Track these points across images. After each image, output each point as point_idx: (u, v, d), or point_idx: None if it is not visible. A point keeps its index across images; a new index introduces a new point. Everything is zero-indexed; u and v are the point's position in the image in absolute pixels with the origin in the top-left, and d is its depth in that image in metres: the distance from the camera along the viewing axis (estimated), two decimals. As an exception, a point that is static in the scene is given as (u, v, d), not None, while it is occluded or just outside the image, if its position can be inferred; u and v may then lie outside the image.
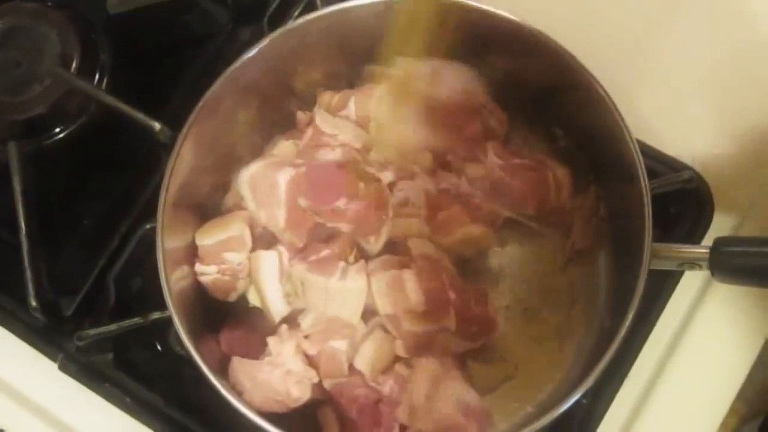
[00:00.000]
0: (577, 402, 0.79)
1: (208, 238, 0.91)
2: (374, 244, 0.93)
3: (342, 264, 0.91)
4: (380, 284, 0.90)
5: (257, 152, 0.97)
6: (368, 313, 0.92)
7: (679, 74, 1.01)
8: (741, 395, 0.93)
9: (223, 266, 0.91)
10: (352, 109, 0.97)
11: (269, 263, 0.91)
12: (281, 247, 0.92)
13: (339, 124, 0.96)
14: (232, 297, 0.93)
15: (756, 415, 1.10)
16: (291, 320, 0.91)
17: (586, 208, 0.94)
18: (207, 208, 0.95)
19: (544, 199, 0.94)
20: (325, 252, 0.91)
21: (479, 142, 0.95)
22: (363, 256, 0.94)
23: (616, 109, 0.85)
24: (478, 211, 0.94)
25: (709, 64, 1.01)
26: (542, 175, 0.94)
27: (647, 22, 1.03)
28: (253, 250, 0.92)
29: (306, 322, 0.90)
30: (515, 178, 0.94)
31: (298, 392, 0.86)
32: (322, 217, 0.92)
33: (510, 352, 0.93)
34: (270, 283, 0.91)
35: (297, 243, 0.92)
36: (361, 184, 0.93)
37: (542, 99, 0.95)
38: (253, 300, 0.93)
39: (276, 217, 0.92)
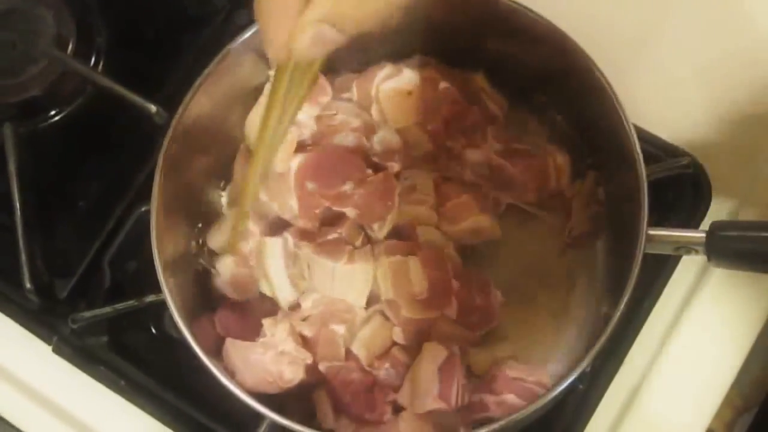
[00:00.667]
0: (574, 387, 0.79)
1: (219, 237, 0.92)
2: (378, 231, 0.93)
3: (349, 248, 0.91)
4: (384, 269, 0.90)
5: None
6: (370, 299, 0.92)
7: (677, 60, 1.01)
8: (737, 387, 0.93)
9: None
10: (354, 92, 0.97)
11: (275, 250, 0.91)
12: (287, 234, 0.92)
13: (337, 105, 0.96)
14: (254, 292, 0.93)
15: (751, 407, 1.09)
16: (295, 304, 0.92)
17: (584, 193, 0.94)
18: (203, 190, 0.95)
19: (544, 185, 0.94)
20: (333, 235, 0.91)
21: (480, 127, 0.95)
22: (369, 241, 0.94)
23: (614, 94, 0.84)
24: (486, 200, 0.94)
25: (707, 50, 1.01)
26: (542, 162, 0.94)
27: (646, 10, 1.03)
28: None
29: (307, 302, 0.90)
30: (515, 165, 0.94)
31: (291, 373, 0.86)
32: (329, 201, 0.92)
33: (507, 336, 0.93)
34: (276, 270, 0.91)
35: (310, 228, 0.92)
36: (369, 170, 0.93)
37: (541, 84, 0.95)
38: (264, 288, 0.93)
39: (288, 205, 0.92)
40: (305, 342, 0.89)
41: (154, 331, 0.97)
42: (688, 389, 0.93)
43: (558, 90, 0.93)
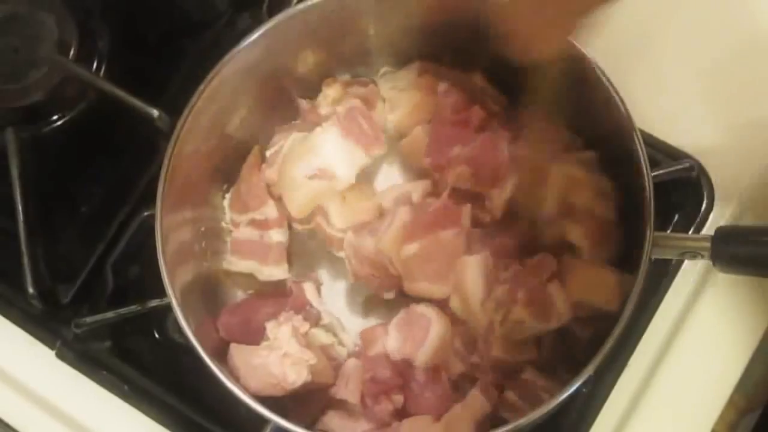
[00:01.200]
0: (577, 390, 0.79)
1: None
2: (498, 198, 0.91)
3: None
4: None
5: (258, 137, 0.97)
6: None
7: (680, 64, 1.00)
8: (740, 388, 0.93)
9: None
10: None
11: None
12: None
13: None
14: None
15: (754, 409, 1.09)
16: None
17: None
18: (206, 193, 0.95)
19: None
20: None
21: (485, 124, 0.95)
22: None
23: (619, 98, 0.84)
24: None
25: (711, 54, 1.01)
26: (561, 144, 0.93)
27: (650, 14, 1.03)
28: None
29: None
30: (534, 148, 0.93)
31: (294, 374, 0.86)
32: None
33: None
34: None
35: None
36: None
37: (541, 86, 0.94)
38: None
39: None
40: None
41: (157, 335, 0.96)
42: (692, 391, 0.92)
43: (560, 92, 0.93)
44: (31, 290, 0.93)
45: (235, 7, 1.07)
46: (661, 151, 0.95)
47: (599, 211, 0.88)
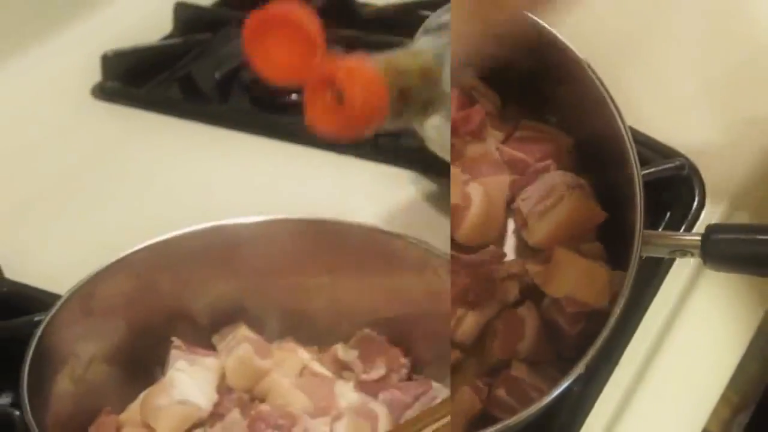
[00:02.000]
0: (568, 389, 0.79)
1: None
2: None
3: None
4: None
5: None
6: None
7: (672, 61, 1.01)
8: (733, 385, 0.93)
9: None
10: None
11: None
12: None
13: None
14: None
15: (748, 406, 1.09)
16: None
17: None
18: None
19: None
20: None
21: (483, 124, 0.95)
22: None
23: (609, 95, 0.84)
24: None
25: (703, 51, 1.01)
26: (552, 144, 0.93)
27: (642, 11, 1.03)
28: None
29: None
30: (525, 150, 0.93)
31: None
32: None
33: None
34: None
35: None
36: None
37: (532, 85, 0.94)
38: None
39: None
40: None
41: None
42: (685, 389, 0.92)
43: (550, 91, 0.93)
44: None
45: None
46: (652, 149, 0.95)
47: None
